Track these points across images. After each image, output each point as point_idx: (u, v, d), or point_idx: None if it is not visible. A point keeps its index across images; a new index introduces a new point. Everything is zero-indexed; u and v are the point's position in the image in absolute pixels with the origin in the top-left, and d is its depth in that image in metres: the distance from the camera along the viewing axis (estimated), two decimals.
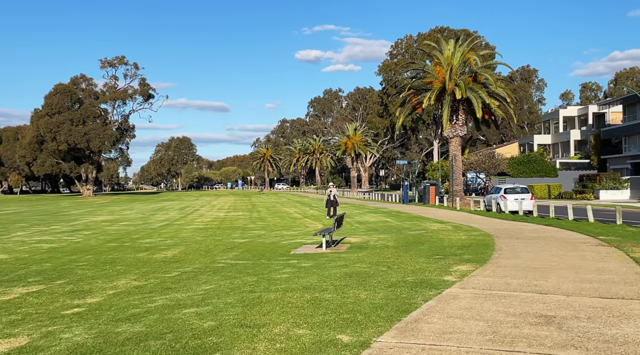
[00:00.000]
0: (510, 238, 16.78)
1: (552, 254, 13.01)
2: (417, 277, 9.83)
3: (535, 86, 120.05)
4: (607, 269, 10.66)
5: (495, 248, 14.24)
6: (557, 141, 74.71)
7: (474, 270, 10.57)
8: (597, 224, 20.18)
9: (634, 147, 56.88)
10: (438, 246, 14.85)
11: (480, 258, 12.32)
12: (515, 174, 61.02)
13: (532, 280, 9.47)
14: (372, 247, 15.07)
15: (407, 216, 28.29)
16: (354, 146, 77.05)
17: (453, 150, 39.56)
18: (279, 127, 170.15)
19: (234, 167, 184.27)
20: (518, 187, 31.75)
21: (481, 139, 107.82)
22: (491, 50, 65.41)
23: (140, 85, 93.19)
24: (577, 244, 14.91)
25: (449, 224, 22.39)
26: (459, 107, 38.78)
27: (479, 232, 18.80)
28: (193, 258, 13.89)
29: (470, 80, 37.91)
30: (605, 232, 17.39)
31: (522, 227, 20.68)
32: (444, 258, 12.43)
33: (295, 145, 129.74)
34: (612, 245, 14.24)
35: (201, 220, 29.53)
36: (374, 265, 11.46)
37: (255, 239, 18.30)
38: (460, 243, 15.50)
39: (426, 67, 40.10)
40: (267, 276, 10.40)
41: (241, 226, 24.65)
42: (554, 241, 15.66)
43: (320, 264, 12.01)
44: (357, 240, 17.23)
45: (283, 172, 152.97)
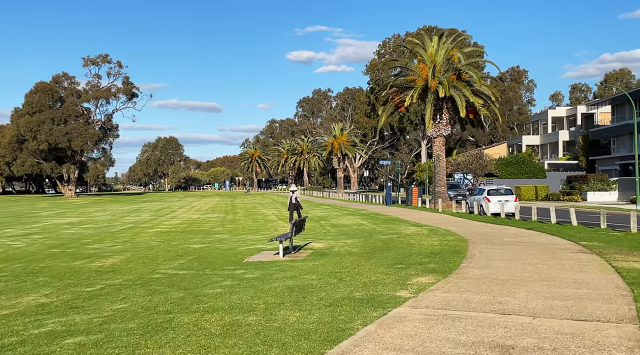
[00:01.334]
0: (486, 243, 15.57)
1: (528, 262, 11.79)
2: (367, 292, 8.57)
3: (525, 87, 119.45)
4: (585, 281, 9.44)
5: (467, 255, 13.01)
6: (546, 142, 73.86)
7: (434, 283, 9.31)
8: (581, 228, 19.03)
9: (623, 148, 56.03)
10: (405, 253, 13.60)
11: (447, 268, 11.07)
12: (503, 175, 60.01)
13: (497, 296, 8.22)
14: (334, 254, 13.80)
15: (384, 219, 27.05)
16: (340, 146, 75.83)
17: (437, 150, 38.40)
18: (268, 128, 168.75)
19: (222, 167, 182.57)
20: (502, 189, 30.61)
21: (471, 139, 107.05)
22: (478, 48, 64.32)
23: (124, 84, 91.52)
24: (556, 250, 13.72)
25: (426, 228, 21.17)
26: (443, 105, 37.63)
27: (454, 236, 17.58)
28: (132, 267, 12.56)
29: (454, 78, 36.78)
30: (588, 237, 16.22)
31: (501, 231, 19.49)
32: (407, 267, 11.18)
33: (284, 146, 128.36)
34: (593, 252, 13.05)
35: (170, 222, 28.16)
36: (326, 277, 10.19)
37: (214, 244, 16.98)
38: (430, 249, 14.27)
39: (409, 65, 38.92)
40: (197, 291, 9.09)
41: (207, 229, 23.31)
42: (532, 247, 14.46)
43: (267, 274, 10.73)
44: (321, 245, 15.96)
45: (272, 173, 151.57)
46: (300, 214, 21.90)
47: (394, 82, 38.78)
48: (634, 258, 11.93)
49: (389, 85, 38.63)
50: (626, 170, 54.14)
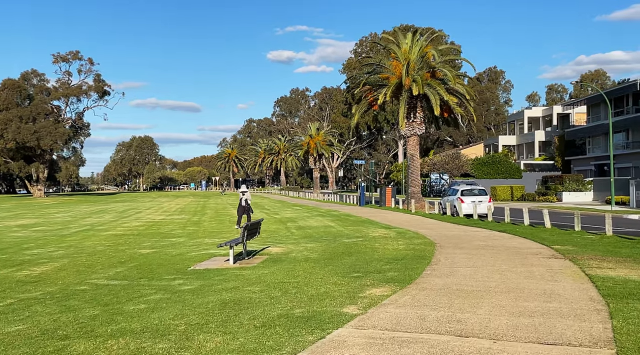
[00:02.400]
0: (454, 247, 14.63)
1: (496, 269, 10.85)
2: (309, 309, 7.50)
3: (502, 87, 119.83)
4: (556, 292, 8.50)
5: (432, 261, 12.03)
6: (522, 142, 73.73)
7: (388, 296, 8.28)
8: (554, 230, 18.23)
9: (598, 148, 55.94)
10: (366, 259, 12.57)
11: (407, 276, 10.06)
12: (479, 175, 59.60)
13: (456, 313, 7.22)
14: (290, 260, 12.72)
15: (354, 220, 26.05)
16: (316, 146, 74.77)
17: (411, 149, 37.54)
18: (245, 127, 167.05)
19: (199, 167, 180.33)
20: (475, 189, 29.85)
21: (448, 140, 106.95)
22: (455, 47, 63.84)
23: (95, 82, 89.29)
24: (527, 255, 12.82)
25: (394, 230, 20.20)
26: (417, 104, 36.79)
27: (422, 240, 16.62)
28: (62, 276, 11.33)
29: (428, 76, 35.96)
30: (561, 241, 15.38)
31: (473, 233, 18.60)
32: (363, 276, 10.15)
33: (261, 146, 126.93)
34: (566, 258, 12.17)
35: (129, 224, 26.80)
36: (270, 288, 9.09)
37: (165, 249, 15.77)
38: (394, 254, 13.26)
39: (383, 62, 38.00)
40: (117, 308, 7.93)
41: (165, 232, 22.04)
42: (502, 252, 13.55)
43: (207, 286, 9.60)
44: (279, 250, 14.86)
45: (249, 173, 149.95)
46: (250, 218, 20.45)
47: (367, 79, 37.81)
48: (609, 264, 11.06)
49: (361, 83, 37.65)
50: (601, 171, 54.04)
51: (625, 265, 10.89)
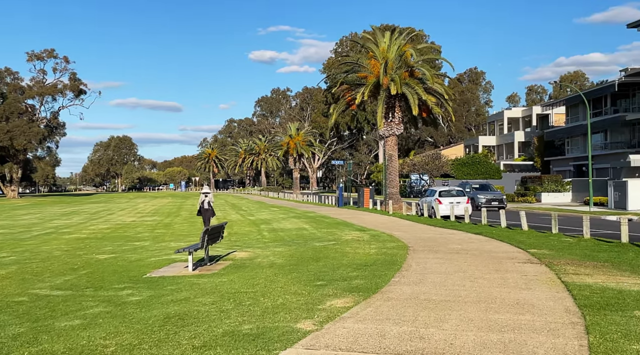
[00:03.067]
0: (427, 251, 14.05)
1: (468, 275, 10.27)
2: (260, 324, 6.81)
3: (482, 88, 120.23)
4: (530, 302, 7.92)
5: (403, 267, 11.42)
6: (502, 142, 73.80)
7: (350, 308, 7.63)
8: (531, 233, 17.76)
9: (576, 148, 56.06)
10: (334, 264, 11.91)
11: (374, 284, 9.43)
12: (459, 176, 59.41)
13: (420, 328, 6.59)
14: (254, 267, 12.01)
15: (329, 222, 25.41)
16: (296, 146, 74.07)
17: (389, 150, 37.03)
18: (226, 127, 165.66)
19: (179, 168, 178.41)
20: (453, 190, 29.41)
21: (429, 140, 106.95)
22: (435, 47, 63.61)
23: (71, 80, 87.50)
24: (502, 260, 12.27)
25: (369, 233, 19.59)
26: (395, 103, 36.28)
27: (395, 243, 16.02)
28: (4, 285, 10.49)
29: (406, 75, 35.46)
30: (538, 244, 14.89)
31: (448, 236, 18.06)
32: (327, 284, 9.48)
33: (241, 146, 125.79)
34: (542, 263, 11.64)
35: (96, 227, 25.84)
36: (224, 299, 8.39)
37: (124, 254, 14.95)
38: (364, 259, 12.63)
39: (361, 61, 37.43)
40: (47, 324, 7.16)
41: (132, 235, 21.17)
42: (477, 256, 12.99)
43: (156, 296, 8.86)
44: (245, 255, 14.14)
45: (229, 173, 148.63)
46: (209, 221, 19.37)
47: (344, 78, 37.23)
48: (586, 270, 10.55)
49: (339, 82, 37.06)
50: (580, 171, 54.15)
51: (603, 271, 10.38)
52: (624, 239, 13.92)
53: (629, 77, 46.14)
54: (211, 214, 19.34)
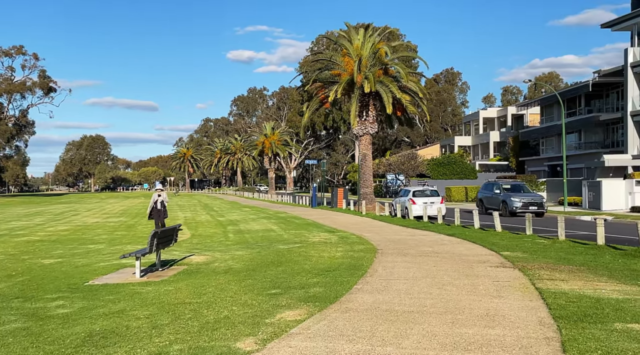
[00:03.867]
0: (397, 254, 13.30)
1: (436, 282, 9.52)
2: (194, 343, 5.94)
3: (458, 89, 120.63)
4: (501, 313, 7.19)
5: (368, 272, 10.64)
6: (477, 143, 73.79)
7: (301, 322, 6.80)
8: (505, 234, 17.15)
9: (551, 148, 56.13)
10: (294, 270, 11.08)
11: (333, 292, 8.62)
12: (435, 176, 59.09)
13: (377, 346, 5.79)
14: (208, 272, 11.12)
15: (299, 223, 24.57)
16: (271, 146, 73.02)
17: (363, 149, 36.33)
18: (202, 127, 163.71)
19: (154, 167, 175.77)
20: (428, 190, 28.83)
21: (406, 140, 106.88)
22: (410, 46, 63.19)
23: (40, 78, 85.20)
24: (474, 264, 11.58)
25: (338, 234, 18.80)
26: (369, 102, 35.60)
27: (364, 245, 15.26)
28: None
29: (380, 73, 34.80)
30: (511, 246, 14.26)
31: (420, 237, 17.37)
32: (282, 293, 8.65)
33: (217, 145, 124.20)
34: (516, 267, 10.97)
35: (54, 229, 24.61)
36: (162, 312, 7.49)
37: (72, 259, 13.92)
38: (328, 264, 11.82)
39: (334, 58, 36.67)
40: None
41: (87, 238, 20.05)
42: (448, 259, 12.29)
43: (88, 309, 7.93)
44: (203, 259, 13.23)
45: (205, 173, 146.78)
46: (164, 224, 18.24)
47: (317, 76, 36.42)
48: (561, 275, 9.89)
49: (311, 79, 36.24)
50: (554, 171, 54.20)
51: (579, 276, 9.73)
52: (600, 241, 13.35)
53: (603, 77, 46.24)
54: (164, 215, 18.34)
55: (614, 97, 48.03)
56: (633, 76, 41.18)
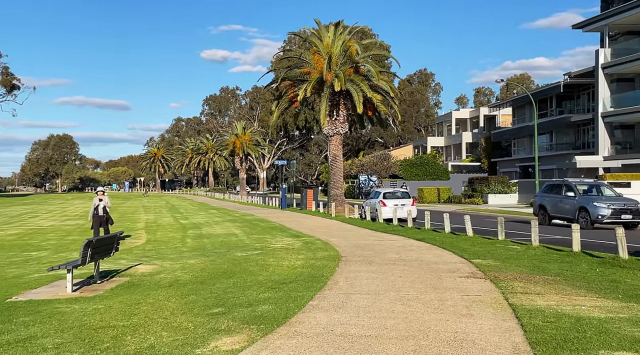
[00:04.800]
0: (362, 262, 12.37)
1: (401, 296, 8.60)
2: None
3: (432, 90, 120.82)
4: (471, 337, 6.27)
5: (327, 284, 9.67)
6: (450, 143, 73.62)
7: (238, 353, 5.78)
8: (476, 239, 16.36)
9: (523, 150, 56.07)
10: (246, 282, 10.04)
11: (284, 311, 7.62)
12: (407, 177, 58.56)
13: None
14: (150, 286, 10.01)
15: (265, 226, 23.50)
16: (242, 145, 71.62)
17: (333, 149, 35.42)
18: (173, 126, 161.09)
19: (124, 167, 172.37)
20: (398, 192, 28.04)
21: (379, 141, 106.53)
22: (382, 44, 62.61)
23: (3, 75, 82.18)
24: (443, 273, 10.70)
25: (302, 239, 17.80)
26: (340, 101, 34.71)
27: (328, 252, 14.28)
28: None
29: (351, 72, 33.95)
30: (483, 252, 13.44)
31: (388, 242, 16.48)
32: (225, 313, 7.61)
33: (188, 145, 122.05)
34: (487, 277, 10.12)
35: (6, 232, 23.09)
36: (76, 340, 6.39)
37: (3, 269, 12.64)
38: (286, 274, 10.82)
39: (304, 56, 35.68)
40: None
41: (34, 244, 18.67)
42: (415, 268, 11.39)
43: None
44: (149, 269, 12.09)
45: (177, 173, 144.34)
46: (109, 230, 16.91)
47: (287, 74, 35.36)
48: (536, 287, 9.06)
49: (280, 78, 35.17)
50: (526, 172, 54.13)
51: (555, 289, 8.91)
52: (576, 247, 12.61)
53: (574, 78, 46.22)
54: (108, 220, 17.09)
55: (584, 98, 48.08)
56: (604, 77, 41.14)
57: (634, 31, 41.90)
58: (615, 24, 40.67)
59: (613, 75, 41.38)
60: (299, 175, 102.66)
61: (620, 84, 42.08)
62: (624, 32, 42.73)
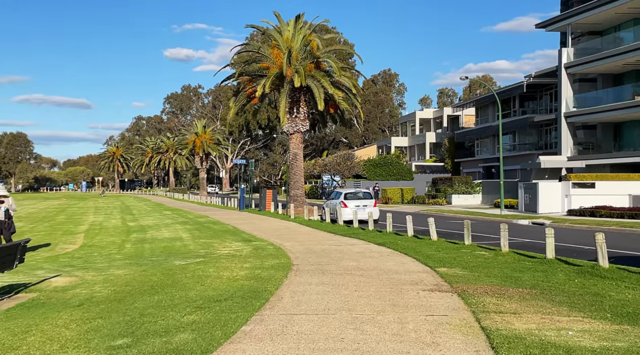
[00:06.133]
0: (314, 272, 10.93)
1: (354, 317, 7.18)
2: None
3: (396, 90, 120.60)
4: None
5: (269, 302, 8.19)
6: (414, 144, 73.03)
7: None
8: (441, 244, 15.11)
9: (486, 150, 55.71)
10: (173, 300, 8.46)
11: (205, 342, 6.10)
12: (371, 177, 57.58)
13: None
14: (57, 305, 8.34)
15: (216, 230, 21.84)
16: (202, 144, 69.36)
17: (294, 148, 33.92)
18: (134, 125, 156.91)
19: (82, 167, 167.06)
20: (360, 192, 26.76)
21: (344, 141, 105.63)
22: (349, 46, 61.47)
23: None
24: (404, 286, 9.34)
25: (253, 244, 16.26)
26: (300, 97, 33.25)
27: (278, 260, 12.80)
28: None
29: (312, 67, 32.51)
30: (449, 259, 12.17)
31: (347, 247, 15.10)
32: (131, 345, 6.04)
33: (148, 144, 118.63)
34: (455, 290, 8.81)
35: None
36: None
37: None
38: (222, 289, 9.27)
39: (263, 50, 34.06)
40: None
41: None
42: (374, 279, 10.02)
43: None
44: (66, 282, 10.38)
45: (137, 173, 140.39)
46: (10, 239, 14.83)
47: (244, 68, 33.70)
48: (511, 304, 7.77)
49: (237, 72, 33.47)
50: (489, 173, 53.74)
51: (534, 306, 7.64)
52: (550, 254, 11.43)
53: (537, 78, 45.90)
54: (10, 227, 15.19)
55: (547, 98, 47.88)
56: (567, 77, 40.81)
57: (595, 31, 41.74)
58: (578, 23, 40.38)
59: (575, 75, 41.11)
60: (263, 176, 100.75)
61: (582, 84, 41.86)
62: (586, 32, 42.56)
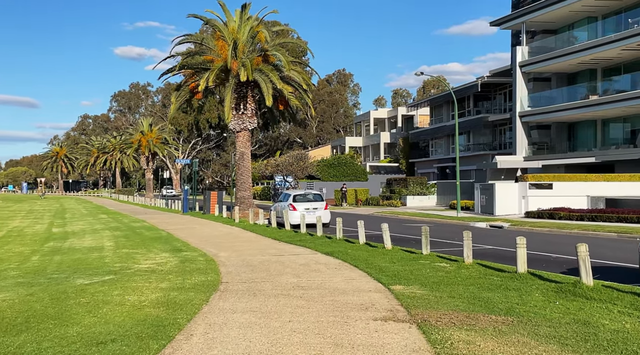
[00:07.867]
0: (244, 293, 8.95)
1: None
2: None
3: (350, 90, 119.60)
4: None
5: (169, 345, 6.16)
6: (368, 144, 71.80)
7: None
8: (397, 253, 13.34)
9: (440, 150, 54.86)
10: (39, 345, 6.33)
11: None
12: (325, 178, 55.87)
13: None
14: None
15: (146, 237, 19.53)
16: (148, 144, 66.08)
17: (240, 147, 31.80)
18: (80, 124, 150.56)
19: (24, 167, 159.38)
20: (310, 194, 24.85)
21: (298, 141, 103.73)
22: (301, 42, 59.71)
23: None
24: (352, 314, 7.47)
25: (183, 255, 14.12)
26: (247, 93, 31.19)
27: (205, 276, 10.74)
28: None
29: (260, 61, 30.48)
30: (405, 274, 10.40)
31: (290, 258, 13.17)
32: None
33: (94, 143, 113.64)
34: (413, 319, 7.00)
35: None
36: None
37: None
38: (117, 323, 7.17)
39: (206, 41, 31.81)
40: None
41: None
42: (315, 303, 8.12)
43: None
44: None
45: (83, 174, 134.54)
46: None
47: (186, 61, 31.39)
48: (487, 342, 5.99)
49: (178, 65, 31.08)
50: (443, 173, 52.86)
51: (515, 345, 5.88)
52: (521, 267, 9.79)
53: (491, 77, 45.22)
54: None
55: (501, 98, 47.31)
56: (521, 76, 40.11)
57: (550, 29, 41.26)
58: (532, 21, 39.75)
59: (530, 74, 40.49)
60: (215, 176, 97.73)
61: (537, 83, 41.29)
62: (540, 31, 42.05)
